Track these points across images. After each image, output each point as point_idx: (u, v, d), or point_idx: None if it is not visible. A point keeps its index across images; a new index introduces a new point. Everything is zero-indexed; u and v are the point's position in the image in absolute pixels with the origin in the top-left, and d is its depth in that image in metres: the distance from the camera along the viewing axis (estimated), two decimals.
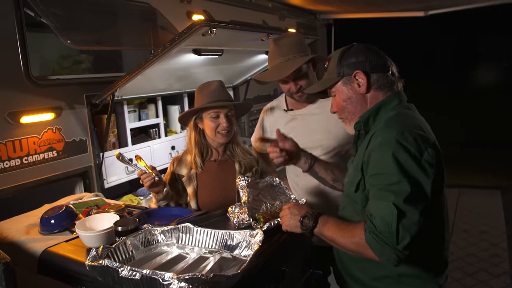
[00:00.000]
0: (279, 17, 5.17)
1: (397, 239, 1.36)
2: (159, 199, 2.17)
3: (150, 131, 3.42)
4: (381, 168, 1.45)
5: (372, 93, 1.64)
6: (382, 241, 1.37)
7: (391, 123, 1.53)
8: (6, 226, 2.02)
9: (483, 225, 5.15)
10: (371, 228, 1.41)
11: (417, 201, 1.39)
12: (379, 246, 1.39)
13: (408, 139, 1.43)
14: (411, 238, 1.36)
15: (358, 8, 6.03)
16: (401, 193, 1.39)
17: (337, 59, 1.68)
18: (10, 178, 2.30)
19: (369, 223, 1.42)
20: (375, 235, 1.39)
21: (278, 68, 2.18)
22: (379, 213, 1.40)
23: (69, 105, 2.62)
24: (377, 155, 1.48)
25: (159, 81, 3.15)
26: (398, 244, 1.36)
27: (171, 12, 3.38)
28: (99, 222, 1.82)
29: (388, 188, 1.41)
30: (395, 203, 1.38)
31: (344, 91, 1.67)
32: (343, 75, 1.66)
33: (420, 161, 1.42)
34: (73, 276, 1.63)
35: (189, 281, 1.15)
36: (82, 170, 2.73)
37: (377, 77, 1.63)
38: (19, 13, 2.29)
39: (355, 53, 1.66)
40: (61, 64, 3.32)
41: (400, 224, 1.36)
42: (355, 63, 1.63)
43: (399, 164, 1.40)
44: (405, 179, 1.39)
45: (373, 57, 1.64)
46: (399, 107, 1.62)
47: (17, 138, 2.33)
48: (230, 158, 2.34)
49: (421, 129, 1.51)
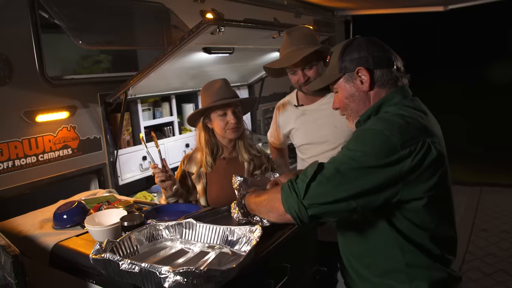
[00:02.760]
0: (295, 14, 5.16)
1: (305, 192, 1.36)
2: (168, 195, 2.21)
3: (164, 129, 3.48)
4: (354, 145, 1.41)
5: (376, 90, 1.57)
6: (292, 188, 1.40)
7: (385, 117, 1.48)
8: (21, 221, 2.09)
9: (504, 224, 5.02)
10: (292, 179, 1.43)
11: (345, 173, 1.35)
12: (288, 193, 1.41)
13: (394, 131, 1.37)
14: (319, 200, 1.36)
15: (377, 4, 5.96)
16: (338, 159, 1.40)
17: (339, 54, 1.61)
18: (26, 175, 2.39)
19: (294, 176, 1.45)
20: (290, 183, 1.41)
21: (288, 57, 2.24)
22: (306, 168, 1.42)
23: (84, 104, 2.70)
24: (354, 135, 1.47)
25: (173, 79, 3.20)
26: (304, 199, 1.36)
27: (185, 11, 3.43)
28: (108, 217, 1.87)
29: (344, 160, 1.39)
30: (327, 166, 1.38)
31: (346, 88, 1.61)
32: (345, 72, 1.59)
33: (395, 155, 1.34)
34: (81, 269, 1.67)
35: (184, 274, 1.17)
36: (96, 167, 2.80)
37: (380, 73, 1.56)
38: (34, 15, 2.38)
39: (357, 47, 1.59)
40: (81, 64, 3.41)
41: (314, 182, 1.36)
42: (357, 58, 1.57)
43: (366, 141, 1.39)
44: (358, 158, 1.35)
45: (376, 51, 1.57)
46: (402, 103, 1.54)
47: (33, 136, 2.41)
48: (239, 155, 2.36)
49: (416, 126, 1.43)
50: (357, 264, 1.65)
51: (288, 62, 2.21)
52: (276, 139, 2.71)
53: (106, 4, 2.82)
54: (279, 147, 2.81)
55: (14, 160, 2.32)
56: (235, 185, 1.88)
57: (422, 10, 5.85)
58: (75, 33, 2.48)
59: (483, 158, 6.40)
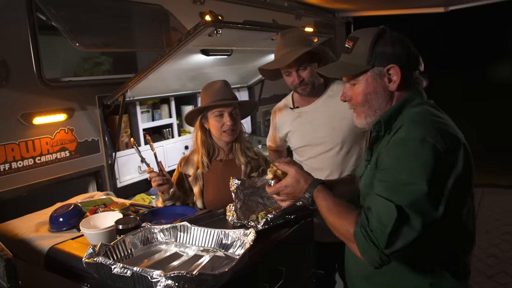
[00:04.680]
0: (295, 16, 5.15)
1: (387, 243, 1.23)
2: (165, 198, 2.20)
3: (163, 131, 3.47)
4: (397, 163, 1.29)
5: (401, 91, 1.46)
6: (370, 240, 1.25)
7: (418, 119, 1.37)
8: (17, 224, 2.09)
9: (506, 225, 4.98)
10: (364, 222, 1.28)
11: (425, 209, 1.23)
12: (365, 244, 1.26)
13: (436, 137, 1.27)
14: (403, 247, 1.24)
15: (377, 5, 5.95)
16: (409, 196, 1.23)
17: (370, 44, 1.43)
18: (24, 178, 2.38)
19: (363, 216, 1.30)
20: (365, 231, 1.27)
21: (282, 58, 2.25)
22: (378, 210, 1.27)
23: (82, 106, 2.69)
24: (397, 149, 1.32)
25: (171, 81, 3.19)
26: (387, 248, 1.24)
27: (184, 13, 3.41)
28: (103, 220, 1.86)
29: (398, 188, 1.26)
30: (400, 204, 1.23)
31: (371, 84, 1.46)
32: (374, 65, 1.43)
33: (444, 163, 1.26)
34: (76, 272, 1.66)
35: (175, 279, 1.17)
36: (94, 170, 2.79)
37: (409, 74, 1.45)
38: (31, 17, 2.37)
39: (392, 42, 1.43)
40: (82, 66, 3.41)
41: (396, 229, 1.23)
42: (392, 54, 1.42)
43: (418, 163, 1.25)
44: (420, 181, 1.23)
45: (409, 51, 1.45)
46: (423, 104, 1.46)
47: (30, 139, 2.40)
48: (236, 157, 2.35)
49: (450, 126, 1.36)
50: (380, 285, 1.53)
51: (282, 63, 2.22)
52: (273, 143, 2.70)
53: (103, 6, 2.81)
54: (277, 150, 2.80)
55: (11, 163, 2.31)
56: (233, 187, 1.87)
57: (422, 11, 5.83)
58: (72, 35, 2.47)
59: (486, 159, 6.37)
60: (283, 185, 1.56)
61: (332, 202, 1.44)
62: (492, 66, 6.54)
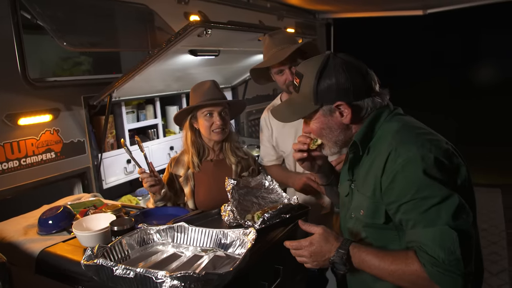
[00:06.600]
0: (277, 17, 5.18)
1: (465, 263, 1.19)
2: (157, 199, 2.19)
3: (148, 132, 3.44)
4: (416, 191, 1.25)
5: (356, 122, 1.43)
6: (450, 272, 1.19)
7: (405, 138, 1.34)
8: (4, 227, 2.03)
9: (482, 222, 5.12)
10: (431, 260, 1.21)
11: (465, 214, 1.23)
12: (449, 279, 1.20)
13: (432, 149, 1.27)
14: (473, 254, 1.22)
15: (357, 7, 6.04)
16: (449, 212, 1.21)
17: (314, 83, 1.39)
18: (9, 180, 2.32)
19: (424, 255, 1.23)
20: (440, 267, 1.20)
21: (274, 56, 2.27)
22: (436, 242, 1.21)
23: (67, 106, 2.64)
24: (406, 178, 1.27)
25: (157, 82, 3.17)
26: (466, 268, 1.20)
27: (169, 13, 3.40)
28: (96, 222, 1.83)
29: (434, 212, 1.23)
30: (449, 225, 1.21)
31: (323, 121, 1.43)
32: (322, 104, 1.40)
33: (450, 169, 1.28)
34: (70, 275, 1.63)
35: (181, 279, 1.16)
36: (80, 171, 2.74)
37: (362, 104, 1.40)
38: (15, 16, 2.31)
39: (334, 74, 1.37)
40: (61, 66, 3.34)
41: (463, 247, 1.19)
42: (336, 90, 1.37)
43: (435, 181, 1.24)
44: (446, 195, 1.23)
45: (356, 79, 1.38)
46: (393, 115, 1.44)
47: (15, 140, 2.34)
48: (226, 157, 2.35)
49: (433, 134, 1.37)
50: None
51: (276, 60, 2.24)
52: (271, 155, 2.59)
53: (89, 5, 2.77)
54: (278, 164, 2.62)
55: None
56: (228, 188, 1.87)
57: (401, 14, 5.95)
58: (59, 34, 2.42)
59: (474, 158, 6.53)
60: (309, 241, 1.40)
61: (382, 253, 1.33)
62: (473, 68, 6.75)
